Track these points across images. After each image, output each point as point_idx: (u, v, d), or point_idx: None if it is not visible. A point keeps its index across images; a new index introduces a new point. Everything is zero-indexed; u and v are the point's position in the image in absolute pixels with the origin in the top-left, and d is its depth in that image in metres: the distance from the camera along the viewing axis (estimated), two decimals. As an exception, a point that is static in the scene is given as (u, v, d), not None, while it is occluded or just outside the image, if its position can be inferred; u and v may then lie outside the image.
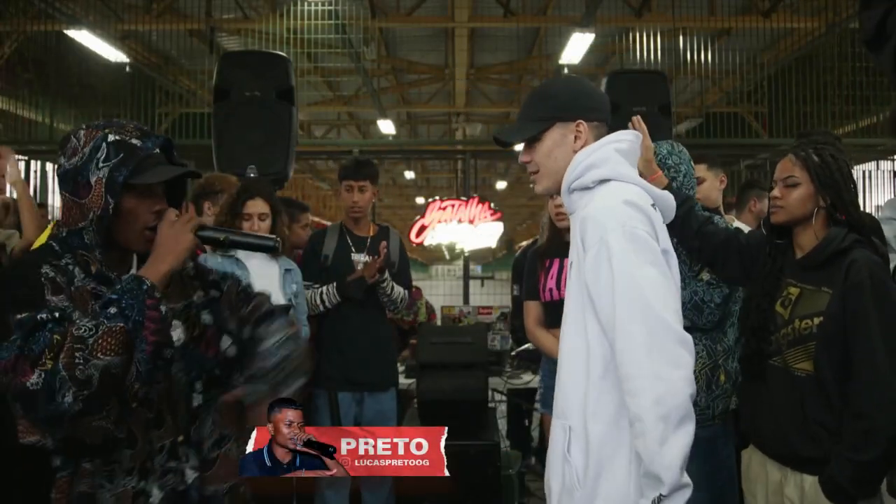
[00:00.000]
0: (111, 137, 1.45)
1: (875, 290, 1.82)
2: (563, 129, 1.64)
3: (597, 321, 1.50)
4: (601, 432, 1.49)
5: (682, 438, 1.40)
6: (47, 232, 2.25)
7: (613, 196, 1.54)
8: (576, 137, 1.64)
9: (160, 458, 1.48)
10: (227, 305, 1.64)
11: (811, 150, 1.99)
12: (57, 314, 1.32)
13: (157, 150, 1.51)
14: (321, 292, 3.26)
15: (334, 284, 3.25)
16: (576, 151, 1.63)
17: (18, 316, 1.30)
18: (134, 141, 1.46)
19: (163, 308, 1.42)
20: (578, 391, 1.53)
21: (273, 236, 1.70)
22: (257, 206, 2.97)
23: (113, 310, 1.34)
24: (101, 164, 1.43)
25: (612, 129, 1.70)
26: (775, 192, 2.01)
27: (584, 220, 1.53)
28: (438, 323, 5.01)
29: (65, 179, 1.45)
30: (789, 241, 2.05)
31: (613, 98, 4.51)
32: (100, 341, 1.30)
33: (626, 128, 1.78)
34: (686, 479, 1.42)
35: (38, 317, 1.30)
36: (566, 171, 1.62)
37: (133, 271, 1.49)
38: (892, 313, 1.82)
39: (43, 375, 1.25)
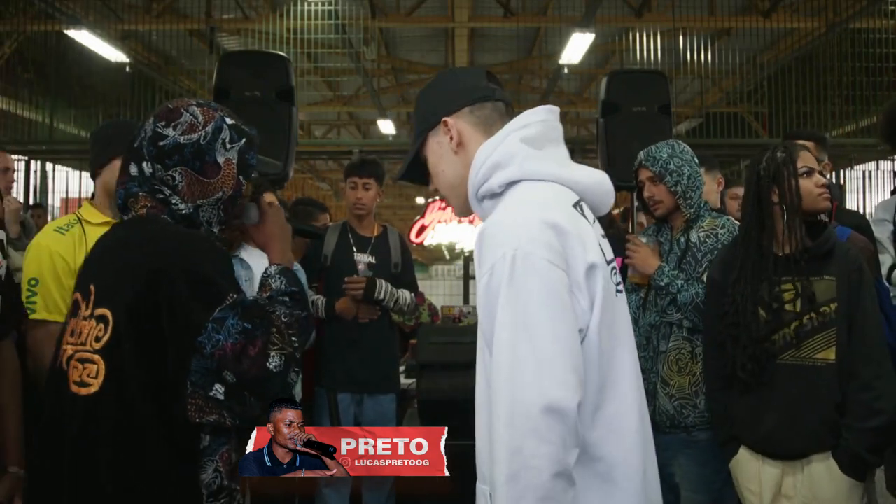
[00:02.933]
0: (229, 121, 1.47)
1: (867, 276, 2.02)
2: (435, 138, 1.37)
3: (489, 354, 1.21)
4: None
5: None
6: (48, 232, 2.24)
7: (517, 207, 1.23)
8: (450, 138, 1.34)
9: None
10: None
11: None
12: (266, 296, 1.42)
13: None
14: (311, 302, 3.24)
15: (323, 301, 3.21)
16: (457, 154, 1.34)
17: (233, 296, 1.32)
18: (245, 128, 1.50)
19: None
20: (483, 413, 1.26)
21: (321, 230, 1.85)
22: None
23: (290, 299, 1.41)
24: (228, 146, 1.44)
25: (610, 133, 1.46)
26: (825, 181, 2.12)
27: (479, 237, 1.22)
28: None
29: (182, 154, 1.41)
30: (760, 240, 2.08)
31: (613, 98, 4.51)
32: (297, 325, 1.39)
33: (625, 131, 1.54)
34: None
35: (260, 301, 1.38)
36: (469, 176, 1.32)
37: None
38: (875, 297, 2.03)
39: (283, 358, 1.32)
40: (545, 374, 1.12)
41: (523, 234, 1.17)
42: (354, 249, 3.30)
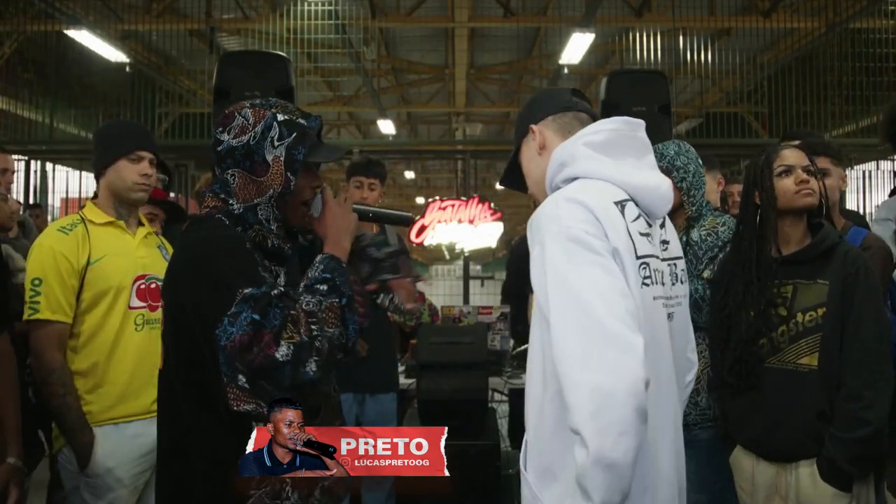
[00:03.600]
0: (280, 117, 1.51)
1: (867, 279, 1.92)
2: (526, 145, 1.60)
3: (548, 331, 1.32)
4: (557, 451, 1.35)
5: (621, 457, 1.20)
6: (51, 232, 2.24)
7: (560, 195, 1.39)
8: (538, 143, 1.56)
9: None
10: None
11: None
12: (282, 289, 1.42)
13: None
14: None
15: None
16: (540, 156, 1.55)
17: (246, 290, 1.36)
18: (301, 120, 1.53)
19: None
20: (535, 404, 1.42)
21: (408, 213, 1.81)
22: None
23: (325, 287, 1.43)
24: (276, 143, 1.49)
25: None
26: (806, 178, 2.01)
27: (530, 222, 1.40)
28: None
29: (234, 156, 1.50)
30: (761, 240, 2.06)
31: (613, 98, 4.49)
32: (324, 315, 1.40)
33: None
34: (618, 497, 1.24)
35: (272, 293, 1.38)
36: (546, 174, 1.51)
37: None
38: (879, 300, 1.94)
39: (292, 347, 1.34)
40: (611, 315, 1.25)
41: (564, 213, 1.34)
42: None
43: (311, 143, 1.53)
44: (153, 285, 2.25)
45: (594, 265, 1.29)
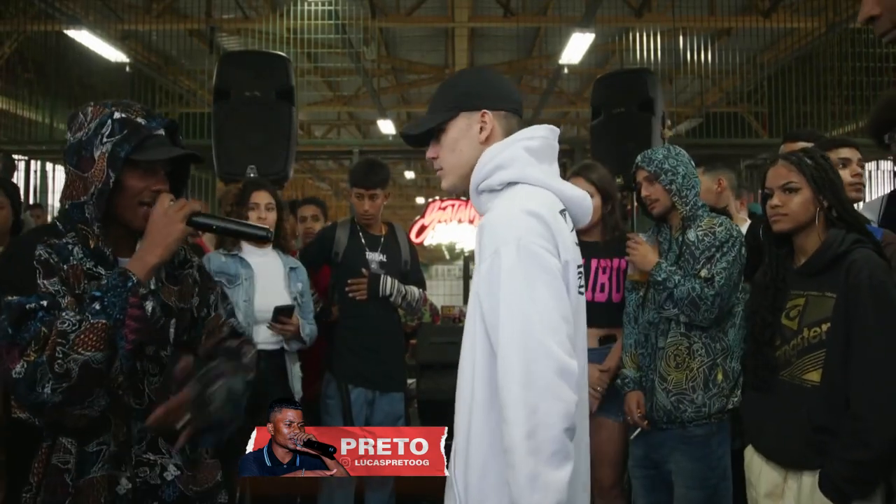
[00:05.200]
0: (117, 115, 1.48)
1: (874, 291, 1.81)
2: (467, 120, 1.51)
3: (487, 339, 1.37)
4: (481, 461, 1.37)
5: (555, 475, 1.26)
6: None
7: (515, 203, 1.40)
8: (481, 128, 1.50)
9: (138, 448, 1.48)
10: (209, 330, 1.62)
11: (802, 154, 2.00)
12: (45, 302, 1.36)
13: (162, 131, 1.53)
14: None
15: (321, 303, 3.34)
16: (482, 144, 1.50)
17: (8, 298, 1.35)
18: (139, 119, 1.49)
19: (148, 306, 1.46)
20: (464, 410, 1.42)
21: (265, 227, 1.68)
22: (263, 196, 2.99)
23: (97, 306, 1.36)
24: (104, 140, 1.46)
25: (596, 137, 1.65)
26: (775, 201, 1.99)
27: (482, 228, 1.40)
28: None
29: (69, 153, 1.49)
30: (789, 248, 2.04)
31: (596, 103, 4.49)
32: (81, 336, 1.33)
33: (608, 134, 1.70)
34: None
35: (28, 305, 1.35)
36: (474, 168, 1.50)
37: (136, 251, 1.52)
38: (891, 315, 1.80)
39: (25, 366, 1.31)
40: (555, 342, 1.30)
41: (523, 225, 1.35)
42: (367, 248, 3.31)
43: (143, 142, 1.47)
44: None
45: (546, 286, 1.33)
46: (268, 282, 2.96)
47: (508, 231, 1.35)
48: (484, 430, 1.37)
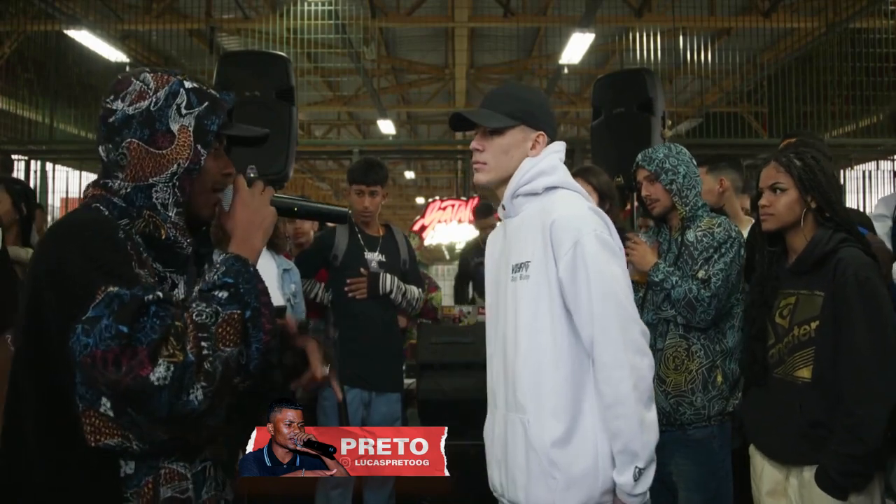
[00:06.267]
0: (188, 84, 1.27)
1: (860, 289, 1.86)
2: (524, 134, 1.76)
3: (566, 319, 1.65)
4: (567, 422, 1.63)
5: (653, 417, 1.64)
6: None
7: (577, 204, 1.70)
8: (533, 145, 1.76)
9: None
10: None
11: (793, 155, 2.02)
12: (161, 294, 1.11)
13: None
14: (319, 288, 3.31)
15: (321, 287, 3.33)
16: (529, 155, 1.75)
17: (110, 289, 1.07)
18: (211, 91, 1.29)
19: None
20: (543, 387, 1.65)
21: (345, 208, 1.52)
22: None
23: (224, 294, 1.16)
24: (184, 111, 1.24)
25: (596, 137, 1.82)
26: (763, 201, 2.04)
27: (554, 224, 1.65)
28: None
29: (129, 126, 1.22)
30: (783, 247, 2.07)
31: (596, 103, 4.48)
32: (219, 330, 1.13)
33: (609, 134, 2.01)
34: (654, 454, 1.64)
35: (146, 297, 1.08)
36: (514, 174, 1.75)
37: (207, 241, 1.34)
38: (877, 311, 1.85)
39: (172, 368, 1.05)
40: (634, 309, 1.67)
41: (592, 220, 1.67)
42: (366, 249, 3.31)
43: (226, 117, 1.30)
44: None
45: (619, 266, 1.67)
46: None
47: (584, 225, 1.64)
48: (567, 399, 1.64)
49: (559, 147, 1.79)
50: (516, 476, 1.68)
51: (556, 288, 1.65)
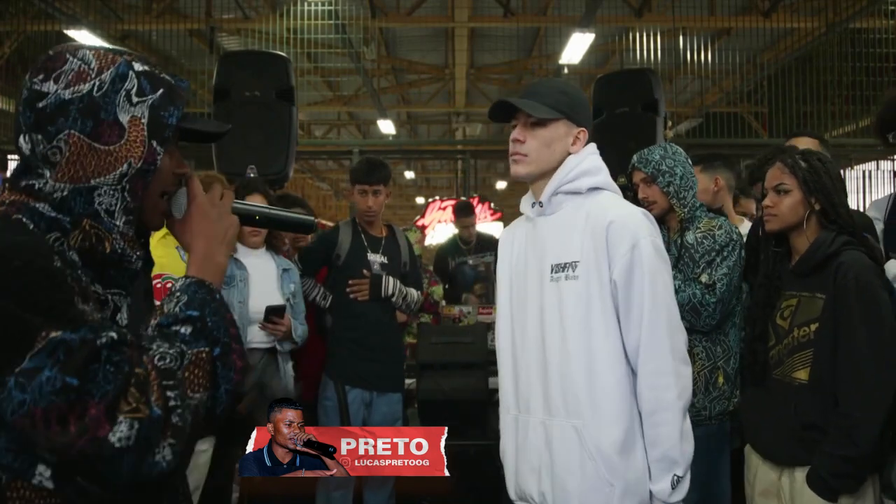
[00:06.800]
0: (138, 66, 1.07)
1: (860, 292, 1.85)
2: (568, 128, 1.71)
3: (616, 322, 1.61)
4: (625, 428, 1.60)
5: (689, 425, 1.63)
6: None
7: (630, 208, 1.68)
8: (574, 141, 1.71)
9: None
10: None
11: (798, 157, 2.02)
12: (113, 335, 0.91)
13: None
14: (321, 291, 3.29)
15: (323, 291, 3.31)
16: (569, 153, 1.71)
17: (52, 334, 0.87)
18: (166, 76, 1.09)
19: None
20: (598, 391, 1.61)
21: (311, 217, 1.36)
22: (256, 199, 2.97)
23: (188, 329, 0.99)
24: (135, 99, 1.04)
25: (598, 137, 1.83)
26: (767, 201, 2.04)
27: (612, 226, 1.62)
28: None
29: (67, 112, 1.00)
30: (787, 248, 2.08)
31: (598, 103, 4.49)
32: (186, 374, 0.96)
33: (611, 133, 1.97)
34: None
35: (98, 341, 0.89)
36: (557, 171, 1.70)
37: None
38: (877, 315, 1.84)
39: (136, 426, 0.87)
40: (680, 320, 1.68)
41: (646, 225, 1.65)
42: (369, 250, 3.30)
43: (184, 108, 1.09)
44: (169, 284, 2.27)
45: (670, 275, 1.67)
46: (261, 283, 2.96)
47: (640, 229, 1.62)
48: (622, 403, 1.60)
49: (594, 148, 1.74)
50: (568, 484, 1.61)
51: (609, 289, 1.61)
